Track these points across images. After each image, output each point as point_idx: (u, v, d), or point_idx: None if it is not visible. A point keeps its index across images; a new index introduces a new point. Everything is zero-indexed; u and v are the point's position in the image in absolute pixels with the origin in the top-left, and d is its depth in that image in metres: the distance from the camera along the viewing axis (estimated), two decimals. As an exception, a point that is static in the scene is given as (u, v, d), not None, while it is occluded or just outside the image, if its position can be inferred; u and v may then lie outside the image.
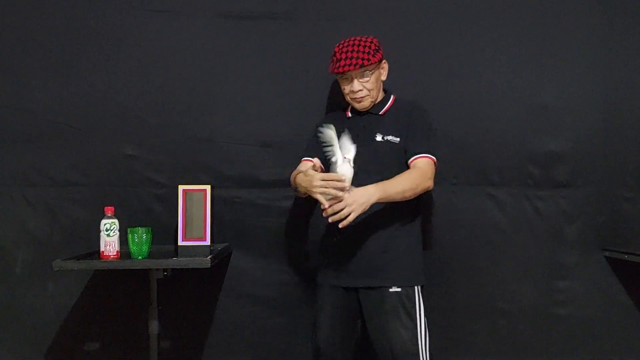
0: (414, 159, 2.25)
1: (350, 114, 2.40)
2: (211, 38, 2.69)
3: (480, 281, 2.68)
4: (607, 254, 2.66)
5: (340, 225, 2.07)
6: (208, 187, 2.31)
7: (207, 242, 2.29)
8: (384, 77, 2.38)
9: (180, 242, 2.30)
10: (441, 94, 2.68)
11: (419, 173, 2.22)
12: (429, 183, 2.23)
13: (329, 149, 2.14)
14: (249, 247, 2.67)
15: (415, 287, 2.27)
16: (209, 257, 2.20)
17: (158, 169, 2.68)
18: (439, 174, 2.64)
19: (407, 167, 2.26)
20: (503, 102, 2.69)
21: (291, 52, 2.68)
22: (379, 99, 2.37)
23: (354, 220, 2.10)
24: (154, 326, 2.32)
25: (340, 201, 2.06)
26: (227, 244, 2.61)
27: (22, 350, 2.65)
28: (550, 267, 2.68)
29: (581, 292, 2.68)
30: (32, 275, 2.65)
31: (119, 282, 2.62)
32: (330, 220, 2.08)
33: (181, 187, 2.32)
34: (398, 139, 2.28)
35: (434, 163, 2.27)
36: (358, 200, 2.07)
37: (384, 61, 2.37)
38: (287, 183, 2.61)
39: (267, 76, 2.69)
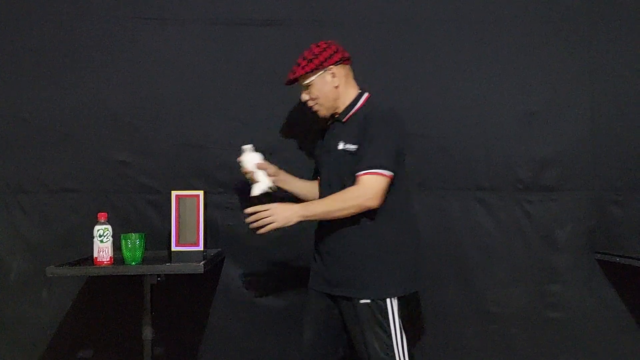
0: (359, 175, 2.12)
1: (331, 121, 2.36)
2: (203, 45, 2.71)
3: (471, 285, 2.69)
4: (598, 256, 2.68)
5: (257, 232, 2.11)
6: (201, 193, 2.32)
7: (200, 248, 2.29)
8: (335, 83, 2.24)
9: (173, 248, 2.30)
10: (431, 100, 2.71)
11: (354, 193, 2.12)
12: (369, 203, 2.11)
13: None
14: (242, 252, 2.68)
15: (388, 300, 2.17)
16: (202, 262, 2.21)
17: (151, 175, 2.69)
18: (429, 179, 2.68)
19: None
20: (492, 108, 2.71)
21: (284, 58, 2.68)
22: (345, 104, 2.28)
23: (331, 229, 2.18)
24: (147, 332, 2.32)
25: (266, 210, 2.11)
26: (220, 249, 2.62)
27: (16, 356, 2.64)
28: (542, 270, 2.70)
29: (573, 295, 2.70)
30: (26, 281, 2.65)
31: (112, 288, 2.62)
32: (250, 226, 2.12)
33: (174, 193, 2.33)
34: (355, 147, 2.18)
35: (384, 178, 2.12)
36: (281, 214, 2.11)
37: (331, 67, 2.24)
38: (279, 188, 2.64)
39: (259, 83, 2.70)
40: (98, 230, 2.25)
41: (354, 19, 2.72)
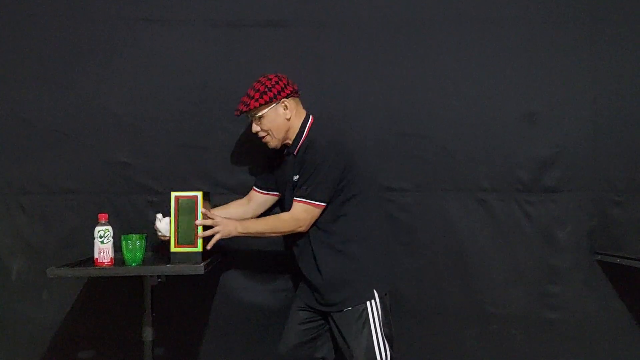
0: (294, 201, 2.32)
1: (285, 151, 2.46)
2: (204, 46, 2.71)
3: (471, 286, 2.69)
4: (598, 257, 2.68)
5: (203, 247, 2.26)
6: (199, 194, 2.32)
7: (199, 249, 2.30)
8: (287, 115, 2.35)
9: (172, 249, 2.30)
10: (431, 100, 2.71)
11: (285, 219, 2.34)
12: (300, 229, 2.32)
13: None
14: (243, 254, 2.69)
15: (367, 303, 2.31)
16: (202, 264, 2.21)
17: (152, 176, 2.69)
18: (429, 180, 2.69)
19: None
20: (493, 109, 2.71)
21: (283, 59, 2.70)
22: (293, 136, 2.39)
23: (301, 244, 2.38)
24: (148, 333, 2.32)
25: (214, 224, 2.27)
26: (220, 250, 2.62)
27: (16, 357, 2.65)
28: (542, 271, 2.70)
29: (573, 296, 2.70)
30: (27, 282, 2.65)
31: (113, 289, 2.62)
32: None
33: (173, 194, 2.33)
34: (209, 221, 2.32)
35: (313, 207, 2.30)
36: (225, 227, 2.28)
37: (283, 100, 2.34)
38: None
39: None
40: (99, 232, 2.25)
41: (355, 20, 2.72)
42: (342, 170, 2.31)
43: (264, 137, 2.40)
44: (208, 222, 2.28)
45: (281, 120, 2.36)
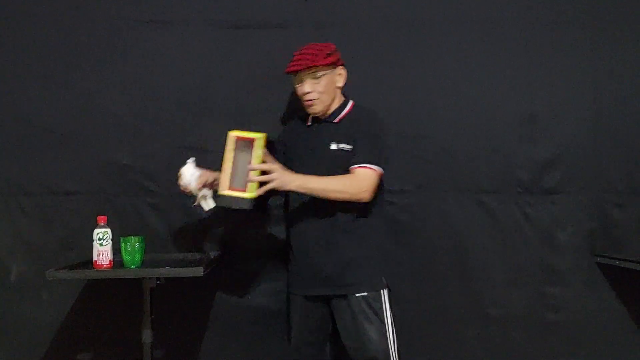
0: (353, 168, 2.24)
1: (310, 122, 2.41)
2: (205, 47, 2.71)
3: (471, 287, 2.69)
4: (598, 259, 2.68)
5: (255, 193, 2.12)
6: (262, 135, 2.16)
7: (250, 195, 2.12)
8: (339, 84, 2.35)
9: (221, 192, 2.15)
10: (432, 101, 2.70)
11: (351, 181, 2.22)
12: (362, 195, 2.21)
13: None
14: (243, 255, 2.69)
15: (381, 291, 2.29)
16: (202, 266, 2.20)
17: (152, 178, 2.69)
18: (429, 181, 2.68)
19: None
20: (493, 110, 2.71)
21: (283, 60, 2.68)
22: (335, 106, 2.36)
23: (313, 231, 2.27)
24: (147, 335, 2.32)
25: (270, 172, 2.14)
26: (220, 252, 2.62)
27: (15, 358, 2.65)
28: (542, 272, 2.70)
29: (573, 297, 2.70)
30: (26, 284, 2.65)
31: (112, 291, 2.62)
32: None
33: (232, 133, 2.18)
34: (351, 147, 2.27)
35: (376, 174, 2.24)
36: (281, 177, 2.15)
37: (340, 67, 2.34)
38: (279, 191, 2.63)
39: (259, 85, 2.70)
40: (97, 234, 2.25)
41: (355, 21, 2.71)
42: (387, 147, 2.31)
43: (312, 100, 2.30)
44: (264, 167, 2.14)
45: (334, 86, 2.32)
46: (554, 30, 2.72)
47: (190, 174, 2.29)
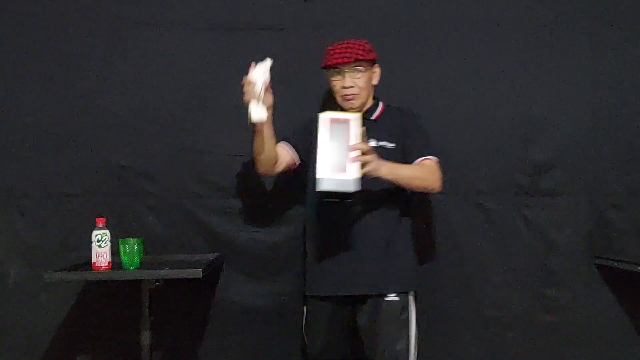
0: (422, 160, 2.25)
1: None
2: (204, 49, 2.71)
3: (470, 290, 2.69)
4: (597, 261, 2.68)
5: (358, 174, 2.03)
6: (358, 115, 2.11)
7: (354, 176, 2.03)
8: (375, 82, 2.37)
9: (320, 175, 2.04)
10: (430, 103, 2.70)
11: (429, 169, 2.25)
12: (437, 184, 2.25)
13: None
14: (241, 257, 2.68)
15: (410, 295, 2.29)
16: (201, 267, 2.20)
17: (151, 180, 2.69)
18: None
19: None
20: (492, 112, 2.71)
21: (282, 62, 2.68)
22: (369, 104, 2.38)
23: (355, 227, 2.22)
24: (145, 337, 2.32)
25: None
26: (218, 254, 2.62)
27: (13, 361, 2.65)
28: (540, 275, 2.70)
29: (571, 299, 2.70)
30: (24, 285, 2.65)
31: (110, 293, 2.62)
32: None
33: (324, 115, 2.11)
34: (393, 145, 2.29)
35: (439, 163, 2.29)
36: (376, 160, 2.07)
37: (376, 65, 2.36)
38: (279, 193, 2.63)
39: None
40: (96, 235, 2.25)
41: (353, 22, 2.71)
42: None
43: (353, 94, 2.28)
44: (365, 147, 2.05)
45: (371, 84, 2.34)
46: (552, 32, 2.72)
47: (262, 72, 2.13)
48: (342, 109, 2.34)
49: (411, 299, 2.30)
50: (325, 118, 2.09)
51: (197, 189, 2.68)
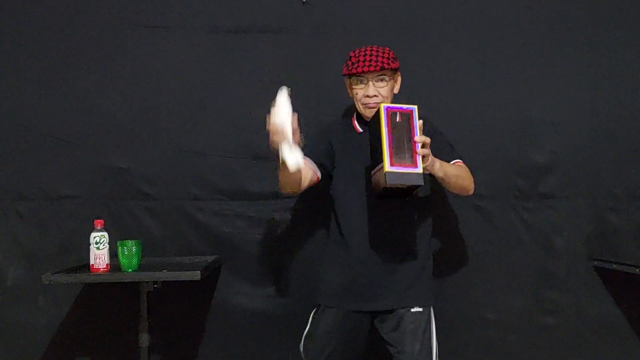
0: (454, 162, 2.27)
1: (360, 129, 2.31)
2: (203, 52, 2.71)
3: (468, 292, 2.69)
4: (595, 263, 2.68)
5: (423, 164, 1.99)
6: (415, 107, 2.05)
7: (420, 170, 1.98)
8: (396, 90, 2.32)
9: (388, 169, 1.96)
10: (429, 107, 2.67)
11: (466, 171, 2.27)
12: (472, 185, 2.28)
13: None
14: (239, 259, 2.68)
15: (431, 308, 2.30)
16: (199, 269, 2.20)
17: (149, 182, 2.69)
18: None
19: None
20: (490, 115, 2.71)
21: (282, 65, 2.70)
22: None
23: (378, 241, 2.21)
24: (144, 339, 2.32)
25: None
26: (217, 256, 2.62)
27: (12, 363, 2.65)
28: (539, 277, 2.70)
29: (570, 302, 2.69)
30: (23, 287, 2.65)
31: (109, 295, 2.62)
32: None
33: (384, 105, 2.05)
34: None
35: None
36: (432, 156, 2.05)
37: (398, 73, 2.32)
38: (278, 195, 2.63)
39: (258, 89, 2.69)
40: (94, 238, 2.25)
41: (353, 25, 2.71)
42: None
43: (376, 104, 2.20)
44: (427, 139, 2.00)
45: (392, 92, 2.29)
46: (551, 34, 2.72)
47: (288, 110, 1.88)
48: (363, 122, 2.29)
49: (431, 311, 2.31)
50: (385, 109, 2.01)
51: (196, 191, 2.69)
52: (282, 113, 1.90)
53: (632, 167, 2.71)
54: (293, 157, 1.90)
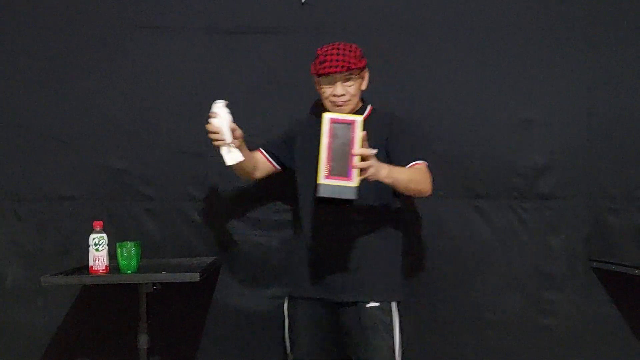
0: (412, 165, 2.22)
1: None
2: (202, 53, 2.71)
3: (466, 293, 2.69)
4: (593, 264, 2.68)
5: (361, 176, 1.97)
6: (360, 118, 2.01)
7: (355, 184, 1.97)
8: (364, 87, 2.33)
9: (321, 181, 1.97)
10: (427, 107, 2.71)
11: (422, 173, 2.21)
12: (429, 187, 2.22)
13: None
14: (238, 261, 2.68)
15: (392, 303, 2.26)
16: (198, 271, 2.20)
17: (148, 183, 2.69)
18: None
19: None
20: (488, 116, 2.71)
21: (282, 65, 2.70)
22: (357, 108, 2.34)
23: (339, 232, 2.22)
24: (143, 340, 2.32)
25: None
26: (216, 257, 2.62)
27: (11, 364, 2.65)
28: (537, 278, 2.70)
29: (568, 302, 2.70)
30: (22, 289, 2.65)
31: (108, 296, 2.62)
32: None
33: (327, 115, 2.02)
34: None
35: (428, 168, 2.25)
36: (377, 166, 2.01)
37: (366, 70, 2.33)
38: (277, 197, 2.63)
39: (256, 90, 2.70)
40: (93, 239, 2.25)
41: (352, 25, 2.71)
42: None
43: (344, 102, 2.25)
44: (368, 152, 1.96)
45: (360, 89, 2.30)
46: (549, 36, 2.73)
47: (224, 117, 2.13)
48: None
49: (394, 307, 2.26)
50: (328, 118, 2.01)
51: (195, 193, 2.68)
52: (218, 119, 2.15)
53: (631, 168, 2.72)
54: (230, 155, 2.16)
